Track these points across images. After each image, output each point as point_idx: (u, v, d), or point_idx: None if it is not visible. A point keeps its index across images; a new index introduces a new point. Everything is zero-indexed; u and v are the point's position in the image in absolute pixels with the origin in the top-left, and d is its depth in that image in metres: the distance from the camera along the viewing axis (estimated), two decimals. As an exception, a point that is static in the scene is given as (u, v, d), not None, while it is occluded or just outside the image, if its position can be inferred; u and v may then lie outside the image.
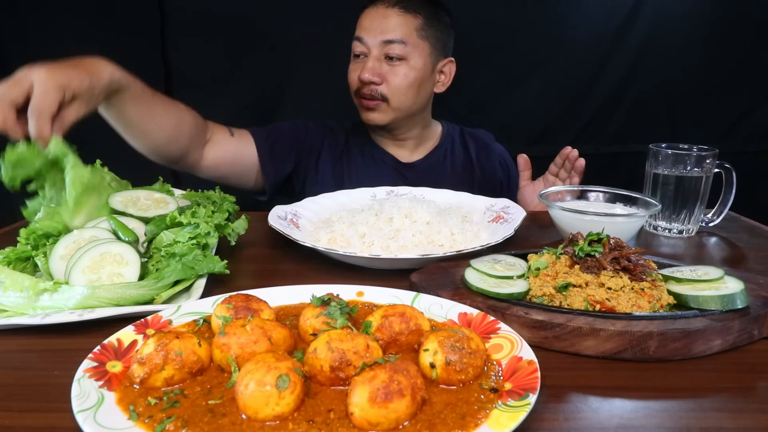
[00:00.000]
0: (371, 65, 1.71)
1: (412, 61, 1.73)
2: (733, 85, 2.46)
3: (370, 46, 1.72)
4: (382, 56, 1.72)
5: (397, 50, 1.70)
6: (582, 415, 0.67)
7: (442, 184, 1.56)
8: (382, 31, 1.70)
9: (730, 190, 1.35)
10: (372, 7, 1.74)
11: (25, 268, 1.00)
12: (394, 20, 1.71)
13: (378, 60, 1.72)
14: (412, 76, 1.74)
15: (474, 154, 1.97)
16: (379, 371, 0.61)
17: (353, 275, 1.07)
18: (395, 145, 1.92)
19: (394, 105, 1.76)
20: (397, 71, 1.72)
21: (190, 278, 0.97)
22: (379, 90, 1.73)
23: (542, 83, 2.41)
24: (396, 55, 1.71)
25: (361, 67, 1.73)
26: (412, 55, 1.73)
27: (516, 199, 1.92)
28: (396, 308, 0.77)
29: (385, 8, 1.72)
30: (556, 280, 0.89)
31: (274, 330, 0.72)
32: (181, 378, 0.67)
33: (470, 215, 1.35)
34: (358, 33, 1.75)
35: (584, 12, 2.33)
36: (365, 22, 1.74)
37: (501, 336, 0.75)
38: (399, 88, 1.73)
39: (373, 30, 1.71)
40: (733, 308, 0.82)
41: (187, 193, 1.34)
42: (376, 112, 1.77)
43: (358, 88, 1.75)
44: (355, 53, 1.77)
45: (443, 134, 1.98)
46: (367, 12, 1.75)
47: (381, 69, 1.72)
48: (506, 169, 2.02)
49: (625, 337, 0.77)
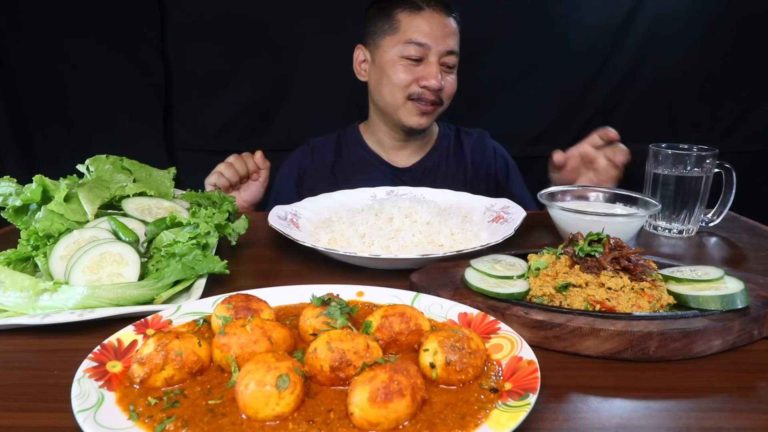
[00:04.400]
0: (437, 72, 1.74)
1: (456, 70, 1.81)
2: (732, 85, 2.46)
3: (432, 52, 1.74)
4: (438, 63, 1.75)
5: (454, 61, 1.79)
6: (582, 415, 0.67)
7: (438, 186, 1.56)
8: (445, 41, 1.74)
9: (730, 190, 1.35)
10: (430, 12, 1.74)
11: (25, 268, 1.00)
12: (452, 30, 1.77)
13: (438, 66, 1.75)
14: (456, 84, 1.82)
15: (469, 155, 1.98)
16: (379, 371, 0.61)
17: (353, 275, 1.07)
18: (396, 150, 1.93)
19: (442, 109, 1.83)
20: (450, 79, 1.80)
21: (190, 278, 0.97)
22: (440, 95, 1.78)
23: (542, 83, 2.41)
24: (452, 64, 1.78)
25: (419, 72, 1.75)
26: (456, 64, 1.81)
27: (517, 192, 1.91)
28: (396, 308, 0.77)
29: (445, 17, 1.76)
30: (556, 280, 0.89)
31: (274, 330, 0.72)
32: (181, 378, 0.67)
33: (470, 215, 1.35)
34: (417, 38, 1.73)
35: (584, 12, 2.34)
36: (425, 27, 1.73)
37: (501, 336, 0.75)
38: (450, 95, 1.82)
39: (436, 37, 1.73)
40: (733, 308, 0.82)
41: (187, 193, 1.34)
42: (429, 116, 1.82)
43: (416, 92, 1.77)
44: (412, 57, 1.75)
45: (439, 136, 1.99)
46: (424, 16, 1.74)
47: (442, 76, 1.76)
48: (504, 162, 2.02)
49: (625, 337, 0.77)
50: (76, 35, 2.22)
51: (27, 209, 1.12)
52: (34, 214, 1.11)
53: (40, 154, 2.33)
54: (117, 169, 1.25)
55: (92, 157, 1.25)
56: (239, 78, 2.34)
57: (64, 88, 2.27)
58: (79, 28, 2.22)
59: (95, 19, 2.22)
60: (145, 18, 2.23)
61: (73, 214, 1.07)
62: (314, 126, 2.13)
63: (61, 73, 2.25)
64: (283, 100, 2.38)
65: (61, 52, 2.23)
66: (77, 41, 2.23)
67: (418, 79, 1.74)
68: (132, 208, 1.12)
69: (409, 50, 1.74)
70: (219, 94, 2.36)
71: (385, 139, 1.93)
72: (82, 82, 2.27)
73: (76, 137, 2.33)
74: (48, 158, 2.32)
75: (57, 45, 2.22)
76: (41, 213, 1.08)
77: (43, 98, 2.28)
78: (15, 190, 1.12)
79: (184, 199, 1.28)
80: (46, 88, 2.27)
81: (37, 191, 1.09)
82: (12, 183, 1.13)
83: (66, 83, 2.27)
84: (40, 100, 2.28)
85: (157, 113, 2.34)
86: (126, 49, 2.26)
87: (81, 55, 2.25)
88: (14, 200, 1.10)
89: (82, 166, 1.25)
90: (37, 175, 1.10)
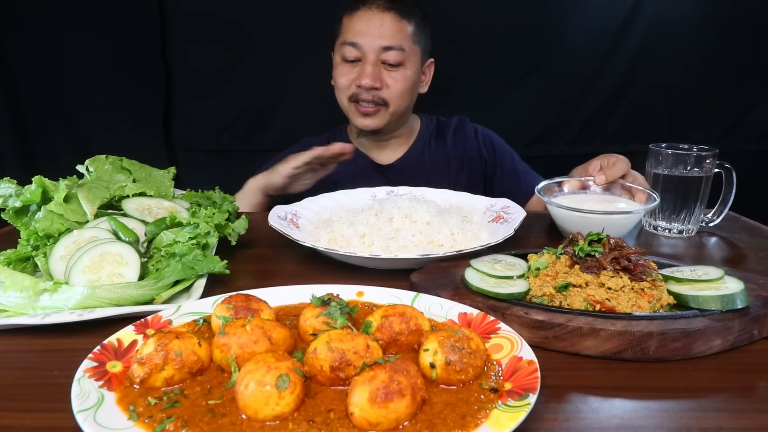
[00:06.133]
0: (371, 71, 1.69)
1: (408, 66, 1.73)
2: (732, 85, 2.45)
3: (366, 51, 1.70)
4: (379, 61, 1.70)
5: (397, 57, 1.70)
6: (582, 415, 0.67)
7: (422, 180, 1.54)
8: (380, 37, 1.68)
9: (730, 190, 1.35)
10: (364, 10, 1.70)
11: (25, 268, 1.00)
12: (392, 26, 1.69)
13: (376, 65, 1.70)
14: (409, 81, 1.74)
15: (450, 143, 1.95)
16: (379, 371, 0.61)
17: (353, 275, 1.07)
18: (377, 147, 1.92)
19: (392, 109, 1.76)
20: (395, 76, 1.72)
21: (190, 278, 0.97)
22: (379, 95, 1.72)
23: (542, 83, 2.41)
24: (395, 62, 1.71)
25: (356, 72, 1.71)
26: (408, 60, 1.73)
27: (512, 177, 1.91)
28: (396, 308, 0.77)
29: (381, 12, 1.69)
30: (556, 280, 0.89)
31: (274, 330, 0.72)
32: (181, 378, 0.67)
33: (470, 215, 1.35)
34: (351, 38, 1.71)
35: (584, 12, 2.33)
36: (359, 27, 1.70)
37: (501, 336, 0.75)
38: (398, 93, 1.74)
39: (370, 35, 1.69)
40: (733, 308, 0.82)
41: (187, 193, 1.34)
42: (373, 118, 1.77)
43: (354, 93, 1.74)
44: (348, 58, 1.73)
45: (420, 130, 1.98)
46: (358, 15, 1.71)
47: (380, 74, 1.71)
48: (490, 143, 1.98)
49: (625, 337, 0.77)
50: (76, 35, 2.22)
51: (27, 210, 1.12)
52: (33, 215, 1.11)
53: (40, 155, 2.33)
54: (116, 169, 1.25)
55: (92, 158, 1.25)
56: (239, 78, 2.34)
57: (64, 88, 2.27)
58: (79, 28, 2.22)
59: (95, 19, 2.22)
60: (145, 18, 2.23)
61: (73, 215, 1.07)
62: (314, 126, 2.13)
63: (61, 73, 2.25)
64: (283, 100, 2.38)
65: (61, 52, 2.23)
66: (77, 41, 2.23)
67: (356, 80, 1.72)
68: (132, 208, 1.12)
69: (345, 51, 1.73)
70: (219, 94, 2.36)
71: (362, 139, 1.92)
72: (82, 82, 2.27)
73: (76, 137, 2.33)
74: (48, 158, 2.32)
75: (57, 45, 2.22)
76: (41, 213, 1.08)
77: (43, 98, 2.28)
78: (15, 191, 1.12)
79: (184, 199, 1.28)
80: (46, 88, 2.27)
81: (37, 192, 1.09)
82: (12, 184, 1.13)
83: (66, 83, 2.27)
84: (40, 100, 2.28)
85: (157, 113, 2.34)
86: (126, 49, 2.26)
87: (81, 55, 2.24)
88: (14, 201, 1.10)
89: (82, 167, 1.25)
90: (37, 176, 1.10)
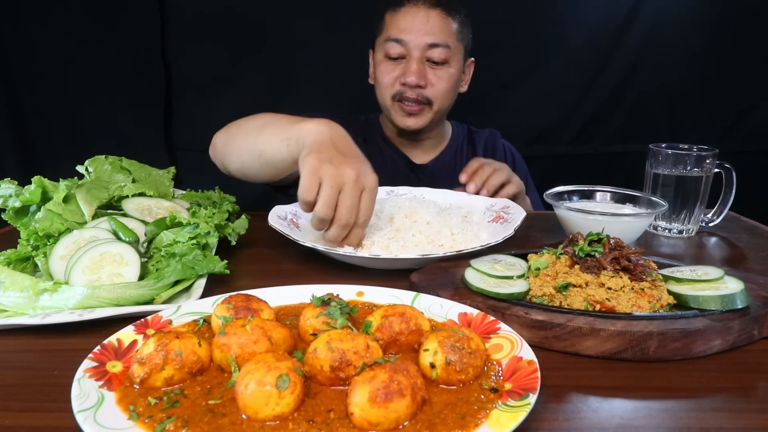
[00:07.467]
0: (416, 68, 1.65)
1: (452, 64, 1.70)
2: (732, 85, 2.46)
3: (411, 48, 1.66)
4: (424, 59, 1.67)
5: (442, 54, 1.66)
6: (582, 415, 0.67)
7: (454, 183, 1.53)
8: (426, 34, 1.65)
9: (730, 190, 1.35)
10: (409, 6, 1.67)
11: (25, 268, 1.00)
12: (438, 22, 1.66)
13: (421, 62, 1.66)
14: (453, 79, 1.71)
15: (481, 154, 1.94)
16: (379, 371, 0.60)
17: (353, 275, 1.07)
18: (411, 146, 1.89)
19: (436, 108, 1.72)
20: (440, 74, 1.68)
21: (190, 278, 0.97)
22: (424, 93, 1.69)
23: (542, 83, 2.41)
24: (440, 59, 1.67)
25: (399, 70, 1.68)
26: (453, 58, 1.69)
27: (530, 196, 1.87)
28: (396, 308, 0.77)
29: (427, 8, 1.66)
30: (556, 280, 0.89)
31: (274, 330, 0.72)
32: (181, 378, 0.67)
33: (470, 215, 1.35)
34: (395, 34, 1.67)
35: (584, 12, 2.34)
36: (404, 23, 1.66)
37: (501, 336, 0.75)
38: (443, 92, 1.70)
39: (415, 32, 1.65)
40: (733, 308, 0.82)
41: (187, 193, 1.34)
42: (417, 117, 1.73)
43: (399, 91, 1.70)
44: (391, 55, 1.69)
45: (453, 134, 1.97)
46: (403, 12, 1.68)
47: (425, 72, 1.67)
48: (513, 161, 1.99)
49: (625, 337, 0.77)
50: (76, 35, 2.22)
51: (27, 210, 1.12)
52: (33, 216, 1.11)
53: (40, 155, 2.33)
54: (116, 169, 1.25)
55: (91, 158, 1.25)
56: (239, 78, 2.34)
57: (64, 88, 2.27)
58: (80, 28, 2.22)
59: (95, 20, 2.22)
60: (145, 18, 2.23)
61: (72, 215, 1.07)
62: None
63: (61, 73, 2.25)
64: (283, 100, 2.38)
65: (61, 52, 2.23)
66: (77, 41, 2.23)
67: (400, 77, 1.68)
68: (132, 208, 1.12)
69: (389, 48, 1.69)
70: (219, 93, 2.36)
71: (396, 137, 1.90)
72: (82, 82, 2.27)
73: (76, 137, 2.33)
74: (48, 159, 2.32)
75: (57, 45, 2.22)
76: (41, 213, 1.08)
77: (43, 98, 2.28)
78: (15, 192, 1.12)
79: (184, 199, 1.28)
80: (46, 88, 2.27)
81: (37, 192, 1.09)
82: (12, 185, 1.13)
83: (66, 83, 2.27)
84: (40, 100, 2.29)
85: (157, 113, 2.34)
86: (126, 49, 2.26)
87: (81, 55, 2.25)
88: (14, 201, 1.10)
89: (81, 167, 1.25)
90: (36, 176, 1.10)
